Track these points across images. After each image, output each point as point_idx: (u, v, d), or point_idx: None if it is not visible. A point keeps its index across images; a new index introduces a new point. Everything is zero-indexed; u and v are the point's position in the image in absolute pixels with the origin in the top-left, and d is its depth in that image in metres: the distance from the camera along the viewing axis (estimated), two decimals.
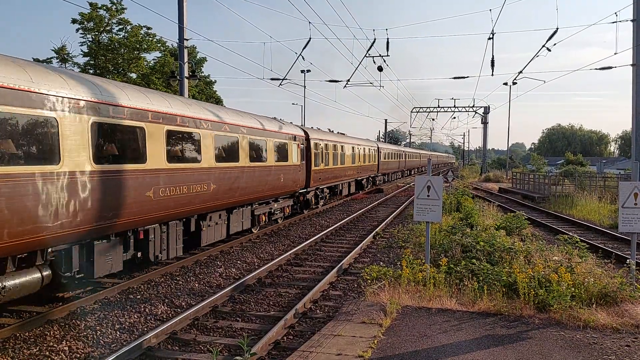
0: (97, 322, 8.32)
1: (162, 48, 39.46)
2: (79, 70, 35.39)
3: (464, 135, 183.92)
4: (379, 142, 49.85)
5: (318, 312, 9.02)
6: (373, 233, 17.22)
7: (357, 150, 32.33)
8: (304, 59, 24.40)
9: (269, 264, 12.24)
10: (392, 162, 48.75)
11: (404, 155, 58.49)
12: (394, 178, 52.23)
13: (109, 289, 9.93)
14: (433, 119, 76.09)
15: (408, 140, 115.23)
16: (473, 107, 63.26)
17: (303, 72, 47.31)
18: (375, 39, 23.53)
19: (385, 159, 44.45)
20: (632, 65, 20.85)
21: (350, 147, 30.75)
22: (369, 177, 37.67)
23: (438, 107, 64.12)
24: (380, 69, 25.57)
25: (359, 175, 33.53)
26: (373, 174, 38.94)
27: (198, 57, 43.96)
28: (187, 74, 19.63)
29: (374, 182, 40.22)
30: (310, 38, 22.23)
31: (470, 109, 63.32)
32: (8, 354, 7.00)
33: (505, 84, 50.65)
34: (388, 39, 23.11)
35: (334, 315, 8.09)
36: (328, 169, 25.06)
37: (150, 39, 37.55)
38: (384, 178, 45.98)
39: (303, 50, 23.58)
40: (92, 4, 34.64)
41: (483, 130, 67.04)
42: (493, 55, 22.97)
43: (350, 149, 30.63)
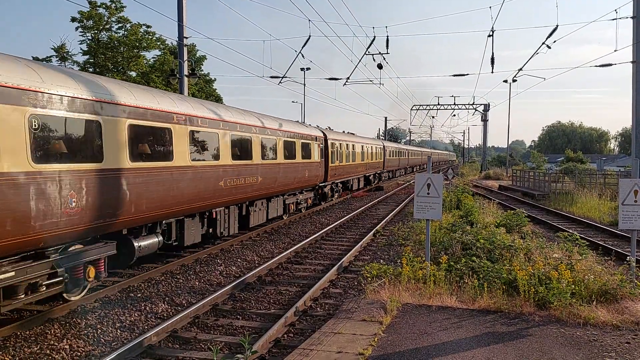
0: (97, 320, 8.33)
1: (161, 46, 39.42)
2: (79, 69, 35.36)
3: (464, 133, 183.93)
4: (384, 141, 52.45)
5: (318, 310, 9.03)
6: (373, 231, 17.22)
7: (365, 149, 34.81)
8: (304, 57, 24.40)
9: (270, 262, 12.25)
10: (396, 159, 51.37)
11: (407, 153, 60.97)
12: (398, 175, 54.37)
13: (109, 288, 9.94)
14: (433, 117, 76.02)
15: (408, 138, 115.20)
16: (473, 104, 63.22)
17: (303, 70, 47.21)
18: (375, 37, 23.48)
19: (390, 157, 46.77)
20: (632, 63, 20.83)
21: (360, 145, 33.17)
22: (376, 173, 39.93)
23: (438, 104, 64.06)
24: (380, 67, 25.51)
25: (367, 172, 35.96)
26: (379, 171, 41.29)
27: (198, 55, 43.93)
28: (186, 72, 19.60)
29: (380, 178, 42.28)
30: (310, 36, 22.19)
31: (470, 107, 63.27)
32: (9, 352, 7.01)
33: (505, 82, 50.57)
34: (388, 37, 23.03)
35: (335, 313, 8.10)
36: (342, 166, 27.77)
37: (150, 37, 37.51)
38: (389, 174, 48.12)
39: (303, 48, 23.52)
40: (91, 3, 34.60)
41: (483, 128, 67.05)
42: (493, 53, 22.93)
43: (360, 148, 33.07)
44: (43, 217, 7.56)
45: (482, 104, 63.97)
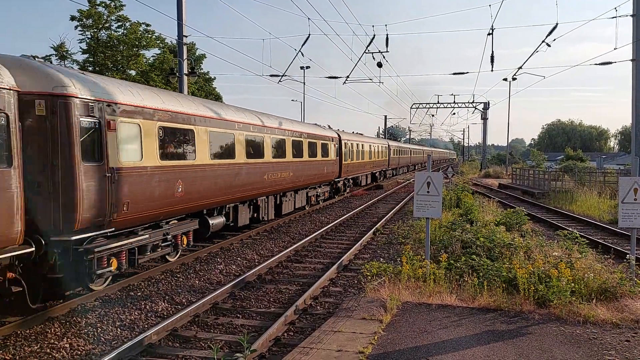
0: (97, 319, 8.34)
1: (161, 45, 39.35)
2: (78, 68, 35.34)
3: (464, 131, 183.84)
4: (389, 140, 55.68)
5: (318, 308, 9.04)
6: (373, 229, 17.23)
7: (372, 148, 37.74)
8: (303, 55, 24.44)
9: (269, 261, 12.26)
10: (400, 157, 54.62)
11: (410, 152, 64.19)
12: (401, 172, 57.67)
13: (110, 286, 9.94)
14: (433, 115, 76.00)
15: (408, 137, 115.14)
16: (473, 102, 63.19)
17: (302, 68, 47.16)
18: (375, 35, 23.53)
19: (394, 155, 49.79)
20: (631, 61, 20.82)
21: (368, 145, 36.14)
22: (381, 170, 43.09)
23: (438, 103, 64.06)
24: (380, 65, 25.51)
25: (374, 169, 39.08)
26: (384, 168, 44.46)
27: (197, 53, 43.90)
28: (186, 71, 19.59)
29: (385, 175, 45.39)
30: (310, 34, 22.19)
31: (470, 105, 63.24)
32: (9, 351, 7.02)
33: (505, 80, 50.67)
34: (387, 35, 23.04)
35: (334, 312, 8.10)
36: (353, 163, 30.87)
37: (150, 36, 37.43)
38: (393, 172, 51.27)
39: (302, 47, 23.50)
40: (90, 1, 34.51)
41: (483, 126, 67.00)
42: (493, 51, 22.92)
43: (368, 147, 36.01)
44: (163, 198, 10.69)
45: (481, 102, 63.94)
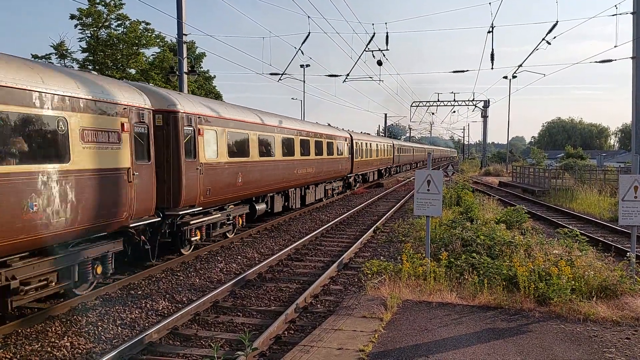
0: (98, 317, 8.34)
1: (161, 43, 39.31)
2: (78, 67, 35.30)
3: (464, 129, 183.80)
4: (393, 139, 60.26)
5: (319, 306, 9.04)
6: (373, 227, 17.23)
7: (379, 147, 40.99)
8: (303, 54, 24.53)
9: (270, 259, 12.26)
10: (404, 155, 58.37)
11: (412, 150, 67.83)
12: (405, 169, 60.90)
13: (110, 285, 9.95)
14: (433, 113, 75.98)
15: (408, 135, 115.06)
16: (473, 100, 63.17)
17: (302, 66, 47.11)
18: (375, 33, 23.52)
19: (399, 153, 53.42)
20: (632, 58, 20.81)
21: (375, 144, 39.48)
22: (387, 167, 46.60)
23: (438, 101, 64.07)
24: (380, 63, 25.51)
25: (380, 166, 42.50)
26: (390, 165, 47.96)
27: (197, 52, 43.85)
28: (186, 70, 19.58)
29: (390, 172, 48.77)
30: (310, 33, 22.20)
31: (470, 103, 63.22)
32: (10, 350, 7.03)
33: (505, 78, 50.62)
34: (387, 33, 23.07)
35: (335, 310, 8.11)
36: (363, 161, 34.31)
37: (149, 35, 37.39)
38: (397, 169, 54.84)
39: (302, 45, 23.49)
40: (90, 0, 34.49)
41: (483, 124, 67.00)
42: (493, 49, 22.93)
43: (375, 146, 39.28)
44: (229, 186, 14.08)
45: (482, 100, 63.92)
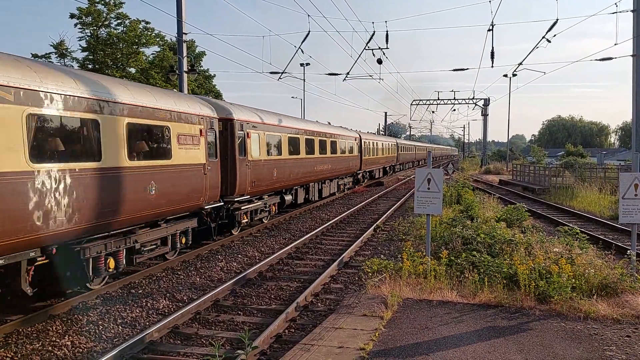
0: (99, 316, 8.35)
1: (160, 42, 39.29)
2: (78, 66, 35.28)
3: (464, 128, 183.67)
4: (397, 138, 64.44)
5: (319, 305, 9.04)
6: (374, 226, 17.23)
7: (384, 145, 44.64)
8: (303, 52, 24.57)
9: (270, 258, 12.27)
10: (406, 154, 61.71)
11: (415, 148, 71.42)
12: (407, 167, 64.44)
13: (111, 284, 9.96)
14: (433, 112, 75.96)
15: (408, 133, 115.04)
16: (473, 99, 63.15)
17: (302, 65, 47.10)
18: (375, 32, 23.54)
19: (402, 152, 56.91)
20: (632, 56, 20.80)
21: (381, 143, 43.15)
22: (391, 165, 49.95)
23: (438, 99, 64.05)
24: (380, 62, 25.50)
25: (385, 164, 45.80)
26: (394, 163, 51.37)
27: (197, 51, 43.81)
28: (186, 69, 19.58)
29: (394, 169, 52.32)
30: (310, 31, 22.17)
31: (470, 101, 63.19)
32: (11, 349, 7.04)
33: (505, 76, 50.54)
34: (387, 32, 23.09)
35: (335, 308, 8.11)
36: (370, 158, 37.48)
37: (149, 34, 37.36)
38: (401, 166, 58.59)
39: (302, 44, 23.51)
40: None
41: (483, 122, 66.96)
42: (493, 47, 22.93)
43: (381, 145, 42.86)
44: (267, 179, 17.06)
45: (482, 99, 63.90)
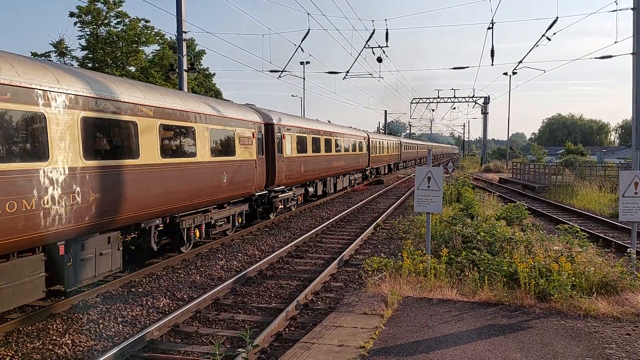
0: (99, 315, 8.36)
1: (160, 41, 39.26)
2: (78, 65, 35.25)
3: (464, 126, 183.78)
4: (401, 137, 68.59)
5: (319, 303, 9.05)
6: (374, 224, 17.24)
7: (389, 144, 48.13)
8: (303, 51, 24.63)
9: (270, 256, 12.27)
10: (409, 152, 65.28)
11: (417, 147, 75.14)
12: (410, 165, 67.71)
13: (111, 283, 9.97)
14: (433, 110, 76.01)
15: (408, 132, 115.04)
16: (473, 97, 63.11)
17: (302, 63, 47.07)
18: (375, 30, 23.47)
19: (405, 150, 60.30)
20: (632, 54, 20.78)
21: (386, 142, 46.85)
22: (395, 162, 53.43)
23: (438, 97, 64.02)
24: (380, 60, 25.48)
25: (390, 161, 49.16)
26: (397, 161, 54.72)
27: (197, 49, 43.79)
28: (186, 67, 19.56)
29: (397, 166, 55.63)
30: (309, 30, 22.15)
31: (470, 99, 63.16)
32: (12, 348, 7.04)
33: (505, 74, 50.42)
34: (387, 30, 23.10)
35: (336, 307, 8.11)
36: (377, 156, 41.01)
37: (149, 32, 37.35)
38: (404, 164, 61.83)
39: (302, 42, 23.49)
40: None
41: (483, 121, 66.92)
42: (493, 45, 22.92)
43: (386, 143, 46.41)
44: (297, 173, 19.93)
45: (482, 97, 63.86)
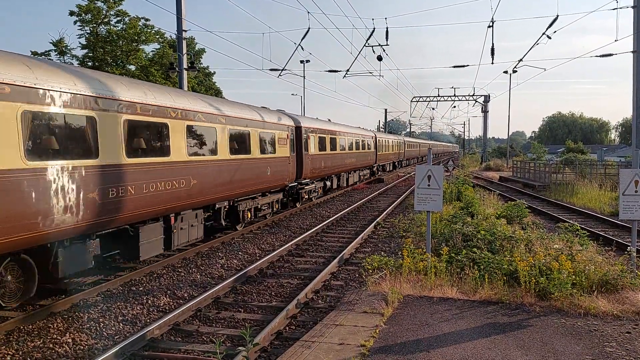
0: (100, 314, 8.36)
1: (160, 40, 39.27)
2: (77, 63, 35.23)
3: (464, 124, 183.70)
4: (404, 137, 71.46)
5: (320, 302, 9.05)
6: (374, 223, 17.24)
7: (393, 142, 51.74)
8: (303, 49, 24.61)
9: (271, 255, 12.27)
10: (412, 150, 68.18)
11: (419, 145, 77.99)
12: (412, 162, 70.35)
13: (112, 281, 9.97)
14: (433, 109, 75.98)
15: (408, 130, 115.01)
16: (473, 95, 63.09)
17: (302, 62, 47.03)
18: (375, 28, 23.51)
19: (408, 148, 63.38)
20: (632, 52, 20.76)
21: (391, 140, 50.50)
22: (399, 160, 56.54)
23: (438, 96, 63.99)
24: (380, 59, 25.47)
25: (394, 159, 52.38)
26: (401, 158, 57.81)
27: (197, 48, 43.78)
28: (186, 66, 19.56)
29: (401, 164, 58.95)
30: (309, 28, 22.14)
31: (471, 98, 63.14)
32: (12, 347, 7.05)
33: (506, 72, 50.49)
34: (387, 28, 23.06)
35: (336, 305, 8.12)
36: (383, 154, 44.04)
37: (149, 31, 37.35)
38: (407, 162, 65.33)
39: (302, 41, 23.46)
40: None
41: (483, 119, 66.94)
42: (493, 44, 22.95)
43: (391, 142, 49.91)
44: (318, 168, 22.81)
45: (482, 95, 63.85)
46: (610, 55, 24.50)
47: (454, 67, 31.27)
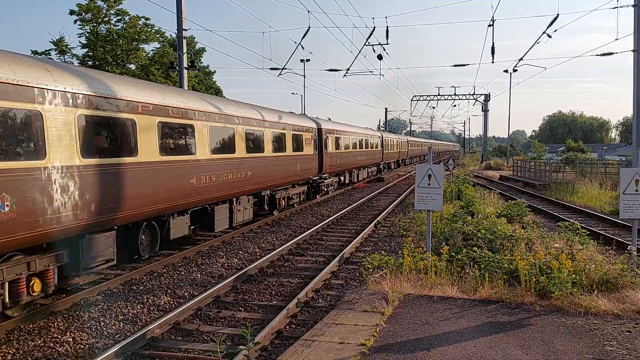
0: (100, 313, 8.37)
1: (160, 39, 39.29)
2: (78, 63, 35.23)
3: (465, 123, 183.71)
4: (408, 136, 73.78)
5: (320, 301, 9.06)
6: (374, 222, 17.23)
7: (397, 142, 54.13)
8: (304, 48, 24.59)
9: (271, 254, 12.28)
10: (414, 149, 70.88)
11: (421, 144, 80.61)
12: (415, 161, 72.12)
13: (112, 280, 9.98)
14: (433, 107, 75.97)
15: (408, 129, 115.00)
16: (473, 94, 63.08)
17: (302, 61, 46.99)
18: (375, 27, 23.51)
19: (411, 147, 66.11)
20: (633, 51, 20.75)
21: (396, 140, 53.38)
22: (403, 158, 59.34)
23: (438, 95, 63.99)
24: (380, 58, 25.45)
25: (398, 157, 55.14)
26: (404, 157, 60.68)
27: (197, 47, 43.78)
28: (186, 65, 19.56)
29: (404, 162, 61.39)
30: (310, 27, 22.13)
31: (471, 97, 63.14)
32: (13, 346, 7.05)
33: (506, 71, 50.53)
34: (387, 27, 23.01)
35: (336, 304, 8.12)
36: (389, 152, 46.91)
37: (149, 30, 37.37)
38: (410, 160, 67.24)
39: (302, 40, 23.44)
40: None
41: (484, 118, 66.93)
42: (493, 43, 22.95)
43: (395, 141, 52.49)
44: (334, 164, 25.80)
45: (482, 94, 63.84)
46: (611, 54, 24.54)
47: (455, 66, 31.24)
